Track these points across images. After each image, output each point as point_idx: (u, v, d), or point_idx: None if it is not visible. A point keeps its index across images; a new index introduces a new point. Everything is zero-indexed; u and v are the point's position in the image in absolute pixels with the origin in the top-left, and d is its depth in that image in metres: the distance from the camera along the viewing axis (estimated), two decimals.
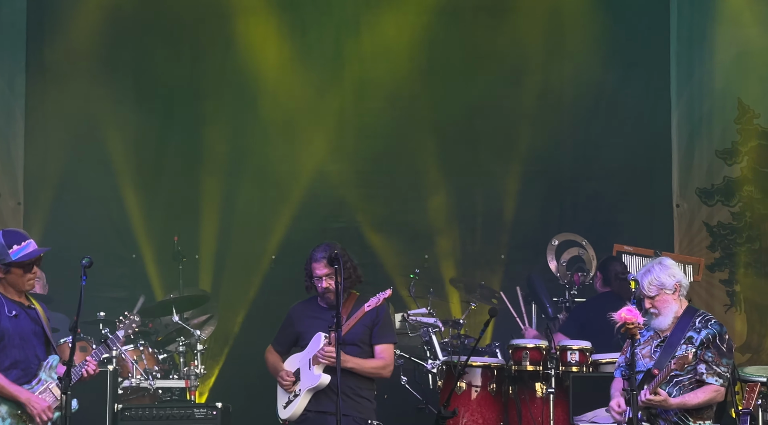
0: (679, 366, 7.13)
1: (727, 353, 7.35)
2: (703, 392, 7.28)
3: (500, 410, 9.82)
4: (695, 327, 7.36)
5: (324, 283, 8.14)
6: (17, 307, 7.37)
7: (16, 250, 7.27)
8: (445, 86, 12.45)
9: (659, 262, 7.54)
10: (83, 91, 12.14)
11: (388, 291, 8.07)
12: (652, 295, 7.41)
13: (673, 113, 12.38)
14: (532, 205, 12.24)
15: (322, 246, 8.21)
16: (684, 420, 7.31)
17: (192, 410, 9.31)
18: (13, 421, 7.29)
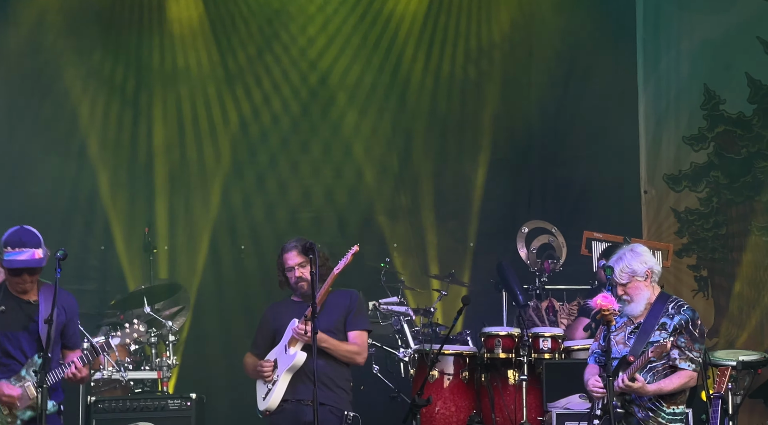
0: (657, 354, 7.17)
1: (699, 338, 7.39)
2: (678, 377, 7.32)
3: (473, 398, 9.84)
4: (668, 313, 7.41)
5: (297, 273, 8.15)
6: (12, 302, 7.35)
7: (7, 253, 7.25)
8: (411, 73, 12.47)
9: (631, 249, 7.57)
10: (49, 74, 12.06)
11: (355, 247, 8.10)
12: (624, 283, 7.44)
13: (640, 100, 12.42)
14: (501, 192, 12.27)
15: (293, 239, 8.25)
16: (658, 405, 7.36)
17: (166, 401, 9.27)
18: None
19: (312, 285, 7.88)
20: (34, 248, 7.26)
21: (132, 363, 10.01)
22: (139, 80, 12.21)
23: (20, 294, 7.39)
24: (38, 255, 7.27)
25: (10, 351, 7.34)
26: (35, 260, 7.26)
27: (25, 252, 7.25)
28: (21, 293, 7.39)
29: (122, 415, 9.05)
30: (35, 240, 7.31)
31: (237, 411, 9.82)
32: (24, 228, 7.40)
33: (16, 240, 7.28)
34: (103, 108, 12.15)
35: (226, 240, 12.21)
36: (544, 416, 9.40)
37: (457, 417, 9.74)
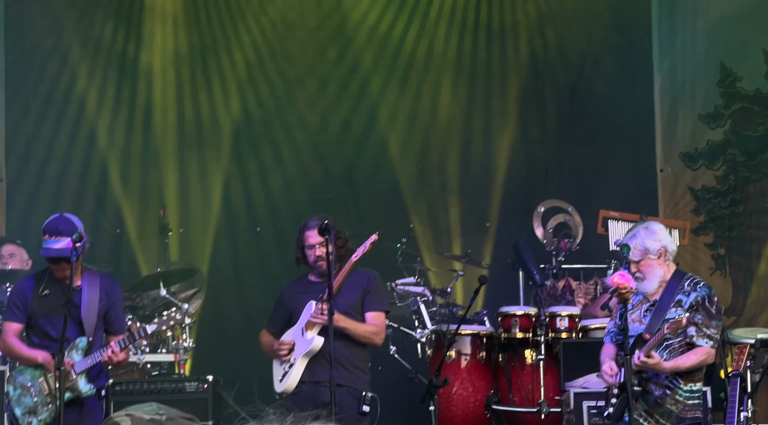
0: (672, 330, 7.15)
1: (716, 315, 7.37)
2: (695, 354, 7.30)
3: (490, 378, 9.83)
4: (684, 291, 7.38)
5: (317, 251, 8.08)
6: (56, 286, 7.44)
7: (45, 241, 7.36)
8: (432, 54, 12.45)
9: (645, 227, 7.55)
10: (65, 65, 12.08)
11: (374, 236, 8.03)
12: (636, 260, 7.42)
13: (656, 78, 12.37)
14: (518, 172, 12.24)
15: (313, 217, 8.19)
16: (675, 382, 7.34)
17: (183, 383, 9.26)
18: (24, 392, 7.40)
19: (328, 265, 7.86)
20: (70, 236, 7.31)
21: (149, 346, 10.03)
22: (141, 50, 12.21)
23: (64, 279, 7.46)
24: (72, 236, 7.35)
25: (51, 335, 7.46)
26: (70, 249, 7.32)
27: (61, 241, 7.33)
28: (64, 278, 7.46)
29: (139, 397, 9.02)
30: (71, 228, 7.38)
31: (253, 393, 9.80)
32: (63, 216, 7.49)
33: (53, 229, 7.37)
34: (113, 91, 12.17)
35: (242, 221, 12.21)
36: (561, 395, 9.38)
37: (475, 397, 9.72)
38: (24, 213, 11.77)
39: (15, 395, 7.48)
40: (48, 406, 7.43)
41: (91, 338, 7.48)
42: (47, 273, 7.64)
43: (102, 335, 7.60)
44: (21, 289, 7.64)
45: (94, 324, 7.51)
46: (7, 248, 10.57)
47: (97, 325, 7.54)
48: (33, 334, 7.61)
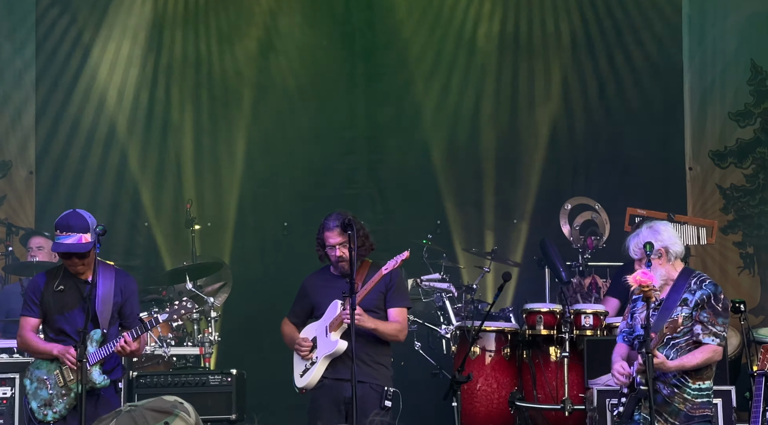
0: (670, 330, 7.16)
1: (722, 312, 7.37)
2: (701, 352, 7.29)
3: (514, 374, 9.82)
4: (690, 289, 7.39)
5: (338, 252, 8.09)
6: (70, 282, 7.48)
7: (56, 237, 7.40)
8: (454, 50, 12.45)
9: (649, 226, 7.59)
10: (93, 58, 12.15)
11: (406, 253, 8.01)
12: (638, 258, 7.47)
13: (686, 75, 12.31)
14: (545, 169, 12.21)
15: (333, 215, 8.16)
16: (683, 381, 7.34)
17: (207, 377, 9.31)
18: (40, 385, 7.45)
19: (351, 262, 7.86)
20: (81, 233, 7.36)
21: (174, 339, 10.07)
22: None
23: (78, 275, 7.51)
24: (85, 239, 7.36)
25: (65, 330, 7.52)
26: (81, 245, 7.36)
27: (71, 237, 7.35)
28: (77, 274, 7.50)
29: (164, 390, 9.09)
30: (83, 224, 7.39)
31: (276, 389, 9.83)
32: (75, 212, 7.52)
33: (64, 225, 7.40)
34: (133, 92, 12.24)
35: (269, 216, 12.24)
36: (585, 393, 9.36)
37: (499, 393, 9.72)
38: (54, 206, 11.83)
39: (32, 388, 7.53)
40: (63, 398, 7.47)
41: (105, 330, 7.51)
42: (61, 268, 7.67)
43: (116, 328, 7.62)
44: (37, 284, 7.68)
45: (109, 317, 7.54)
46: (36, 240, 10.63)
47: (112, 319, 7.57)
48: (48, 330, 7.65)
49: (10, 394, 8.72)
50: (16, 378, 8.69)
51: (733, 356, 10.05)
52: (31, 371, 7.60)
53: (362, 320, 7.88)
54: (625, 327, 7.61)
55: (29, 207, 11.98)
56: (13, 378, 8.74)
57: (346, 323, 7.91)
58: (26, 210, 11.96)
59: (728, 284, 11.83)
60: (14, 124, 12.03)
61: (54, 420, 7.46)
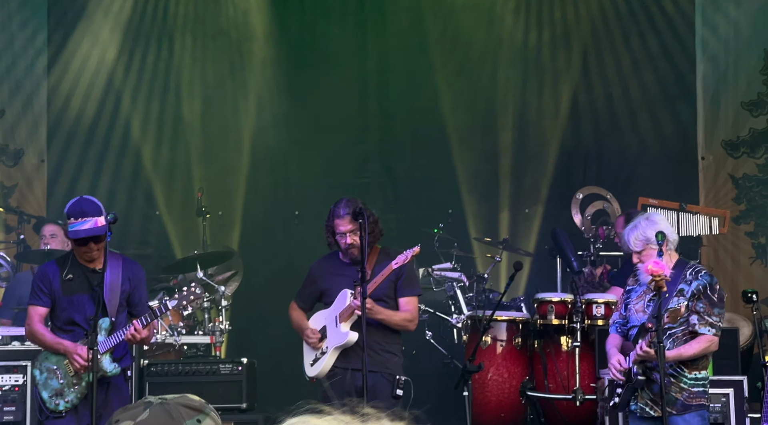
0: (672, 318, 7.19)
1: (718, 303, 7.41)
2: (698, 343, 7.33)
3: (525, 364, 9.80)
4: (686, 280, 7.43)
5: (348, 239, 8.08)
6: (79, 271, 7.49)
7: (71, 224, 7.39)
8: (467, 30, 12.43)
9: (646, 218, 7.62)
10: (104, 46, 12.15)
11: (416, 248, 7.99)
12: (638, 250, 7.48)
13: (699, 65, 12.27)
14: (557, 158, 12.18)
15: (343, 202, 8.14)
16: (680, 371, 7.38)
17: (218, 366, 9.32)
18: (50, 375, 7.47)
19: (362, 252, 7.85)
20: (96, 216, 7.37)
21: (185, 328, 10.08)
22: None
23: (87, 263, 7.52)
24: (100, 222, 7.38)
25: (74, 318, 7.51)
26: (98, 228, 7.38)
27: (87, 221, 7.36)
28: (88, 262, 7.53)
29: (175, 378, 9.11)
30: (96, 208, 7.41)
31: (287, 377, 9.83)
32: (84, 198, 7.53)
33: (77, 211, 7.39)
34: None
35: (280, 204, 12.24)
36: (596, 382, 9.34)
37: (510, 383, 9.70)
38: (64, 194, 11.85)
39: (41, 379, 7.53)
40: (74, 387, 7.48)
41: (113, 318, 7.51)
42: (70, 257, 7.67)
43: (124, 317, 7.62)
44: (45, 273, 7.67)
45: (117, 305, 7.55)
46: (49, 228, 10.63)
47: (120, 307, 7.58)
48: (56, 319, 7.65)
49: (22, 382, 8.73)
50: (27, 366, 8.69)
51: (745, 346, 10.02)
52: (40, 362, 7.60)
53: (372, 312, 7.87)
54: (618, 318, 7.69)
55: (40, 194, 12.00)
56: (24, 366, 8.75)
57: (357, 314, 7.89)
58: (37, 197, 11.98)
59: (740, 274, 11.81)
60: (26, 112, 12.04)
61: (66, 409, 7.47)
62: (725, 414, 8.78)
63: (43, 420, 7.52)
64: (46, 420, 7.50)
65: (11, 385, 8.72)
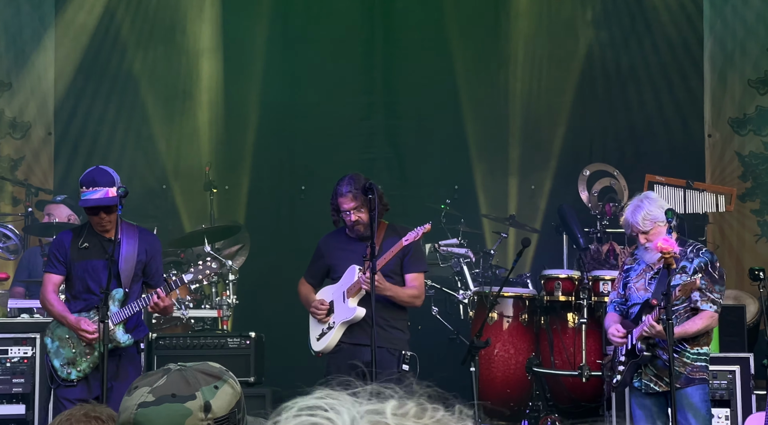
0: (685, 292, 7.24)
1: (719, 280, 7.51)
2: (701, 319, 7.42)
3: (532, 340, 9.84)
4: (687, 257, 7.51)
5: (353, 217, 8.09)
6: (95, 240, 7.52)
7: (83, 193, 7.43)
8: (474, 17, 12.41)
9: (646, 197, 7.69)
10: (113, 19, 12.14)
11: (427, 225, 8.01)
12: (647, 230, 7.50)
13: (706, 43, 12.25)
14: (564, 135, 12.18)
15: (345, 180, 8.15)
16: (682, 347, 7.47)
17: (225, 339, 9.34)
18: (62, 344, 7.51)
19: (371, 228, 7.86)
20: (108, 187, 7.40)
21: (192, 302, 10.09)
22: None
23: (103, 233, 7.54)
24: (111, 193, 7.41)
25: (90, 287, 7.54)
26: (108, 198, 7.41)
27: (98, 191, 7.40)
28: (103, 231, 7.54)
29: (183, 352, 9.13)
30: (108, 178, 7.44)
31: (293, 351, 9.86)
32: (98, 168, 7.58)
33: (89, 180, 7.44)
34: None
35: (286, 179, 12.25)
36: (603, 359, 9.36)
37: (516, 359, 9.74)
38: (72, 166, 11.87)
39: (53, 347, 7.57)
40: (87, 357, 7.51)
41: (127, 289, 7.55)
42: (86, 226, 7.73)
43: (138, 287, 7.66)
44: (61, 241, 7.71)
45: (131, 276, 7.59)
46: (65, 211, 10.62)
47: (134, 278, 7.61)
48: (71, 286, 7.69)
49: (31, 354, 8.76)
50: (36, 338, 8.72)
51: (752, 323, 10.05)
52: (52, 329, 7.64)
53: (381, 288, 7.88)
54: (616, 297, 7.77)
55: (47, 167, 12.00)
56: (33, 338, 8.77)
57: (364, 289, 7.91)
58: (44, 170, 11.98)
59: (746, 251, 11.83)
60: (33, 85, 12.04)
61: (78, 378, 7.51)
62: (731, 391, 8.81)
63: (54, 388, 7.56)
64: (57, 388, 7.54)
65: (20, 357, 8.75)
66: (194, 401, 2.77)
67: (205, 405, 2.77)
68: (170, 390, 2.76)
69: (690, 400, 7.41)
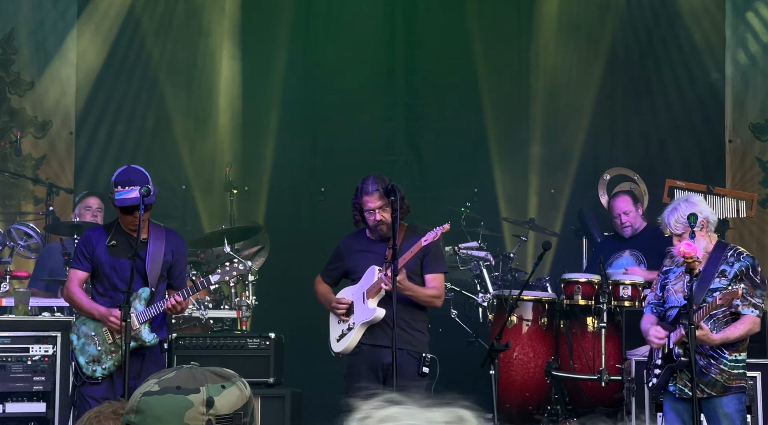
0: (726, 300, 7.17)
1: (760, 284, 7.43)
2: (743, 324, 7.34)
3: (551, 344, 9.83)
4: (727, 261, 7.43)
5: (377, 216, 8.07)
6: (123, 238, 7.55)
7: (118, 192, 7.45)
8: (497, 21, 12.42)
9: (685, 200, 7.62)
10: (135, 19, 12.17)
11: (447, 225, 8.00)
12: (679, 233, 7.45)
13: (728, 48, 12.23)
14: (584, 139, 12.17)
15: (370, 179, 8.13)
16: (720, 352, 7.37)
17: (245, 340, 9.35)
18: (87, 341, 7.53)
19: (393, 228, 7.86)
20: (143, 186, 7.41)
21: (212, 302, 10.11)
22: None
23: (132, 232, 7.56)
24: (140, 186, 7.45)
25: (117, 285, 7.57)
26: (134, 199, 7.43)
27: (134, 190, 7.44)
28: (132, 230, 7.56)
29: (203, 352, 9.14)
30: (143, 178, 7.51)
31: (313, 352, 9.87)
32: (132, 167, 7.62)
33: (125, 180, 7.48)
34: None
35: (306, 180, 12.25)
36: (622, 364, 9.36)
37: (535, 362, 9.73)
38: (93, 166, 11.92)
39: (78, 344, 7.60)
40: (112, 355, 7.54)
41: (153, 288, 7.58)
42: (114, 224, 7.76)
43: (164, 288, 7.70)
44: (89, 238, 7.75)
45: (158, 276, 7.63)
46: (94, 201, 10.67)
47: (160, 277, 7.65)
48: (98, 283, 7.73)
49: (52, 352, 8.78)
50: (57, 337, 8.75)
51: None
52: (78, 326, 7.67)
53: (402, 287, 7.87)
54: (653, 298, 7.67)
55: (68, 167, 12.03)
56: (54, 337, 8.79)
57: (384, 288, 7.90)
58: (65, 170, 12.01)
59: (766, 257, 11.78)
60: (55, 84, 12.07)
61: (102, 376, 7.55)
62: (752, 397, 8.78)
63: (79, 385, 7.59)
64: (83, 386, 7.57)
65: (41, 355, 8.77)
66: (197, 395, 2.81)
67: (207, 400, 2.81)
68: (176, 383, 2.82)
69: (725, 410, 7.31)
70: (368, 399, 2.12)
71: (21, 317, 8.98)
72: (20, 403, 8.72)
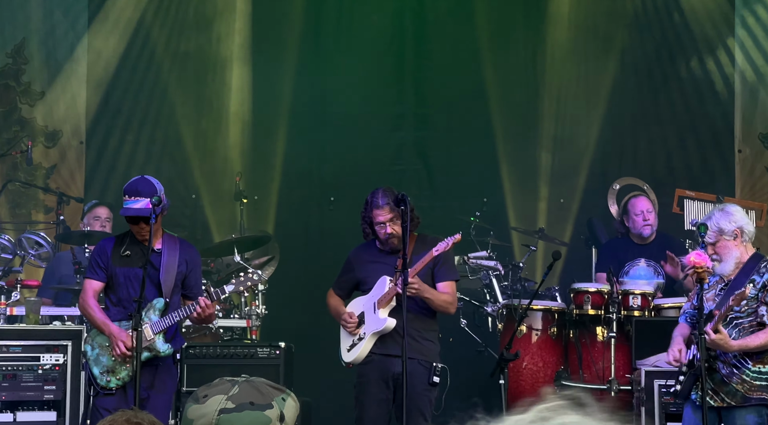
0: (736, 301, 7.13)
1: None
2: (765, 333, 7.26)
3: (561, 354, 9.83)
4: (759, 272, 7.37)
5: (388, 229, 8.08)
6: (137, 248, 7.56)
7: (125, 202, 7.47)
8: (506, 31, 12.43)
9: (721, 209, 7.56)
10: (145, 30, 12.20)
11: (458, 235, 8.02)
12: (712, 241, 7.42)
13: (737, 57, 12.24)
14: (594, 149, 12.18)
15: (380, 192, 8.14)
16: (743, 362, 7.31)
17: (255, 349, 9.36)
18: (102, 352, 7.55)
19: (403, 239, 7.87)
20: (149, 197, 7.41)
21: (222, 311, 10.12)
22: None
23: (144, 241, 7.57)
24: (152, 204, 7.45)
25: (131, 294, 7.57)
26: (149, 209, 7.41)
27: (139, 201, 7.44)
28: (144, 240, 7.58)
29: (212, 361, 9.16)
30: (151, 189, 7.48)
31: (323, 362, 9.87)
32: (143, 177, 7.61)
33: (132, 190, 7.49)
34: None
35: (315, 190, 12.27)
36: (632, 373, 9.35)
37: (545, 372, 9.73)
38: (103, 176, 11.94)
39: (93, 354, 7.61)
40: (126, 365, 7.54)
41: (168, 299, 7.59)
42: (128, 234, 7.75)
43: (178, 298, 7.70)
44: (103, 248, 7.75)
45: (172, 286, 7.62)
46: (103, 211, 10.70)
47: (174, 288, 7.65)
48: (111, 293, 7.73)
49: (63, 361, 8.79)
50: (68, 346, 8.75)
51: None
52: (93, 337, 7.67)
53: (420, 290, 7.89)
54: (689, 307, 7.61)
55: (79, 176, 12.06)
56: (65, 346, 8.80)
57: (400, 291, 7.88)
58: (76, 179, 12.04)
59: None
60: (65, 93, 12.10)
61: (116, 386, 7.55)
62: None
63: (94, 396, 7.59)
64: (96, 396, 7.57)
65: (52, 364, 8.78)
66: (272, 410, 2.91)
67: (281, 415, 2.92)
68: (247, 398, 2.90)
69: (744, 421, 7.26)
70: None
71: (32, 326, 8.99)
72: (31, 412, 8.72)
